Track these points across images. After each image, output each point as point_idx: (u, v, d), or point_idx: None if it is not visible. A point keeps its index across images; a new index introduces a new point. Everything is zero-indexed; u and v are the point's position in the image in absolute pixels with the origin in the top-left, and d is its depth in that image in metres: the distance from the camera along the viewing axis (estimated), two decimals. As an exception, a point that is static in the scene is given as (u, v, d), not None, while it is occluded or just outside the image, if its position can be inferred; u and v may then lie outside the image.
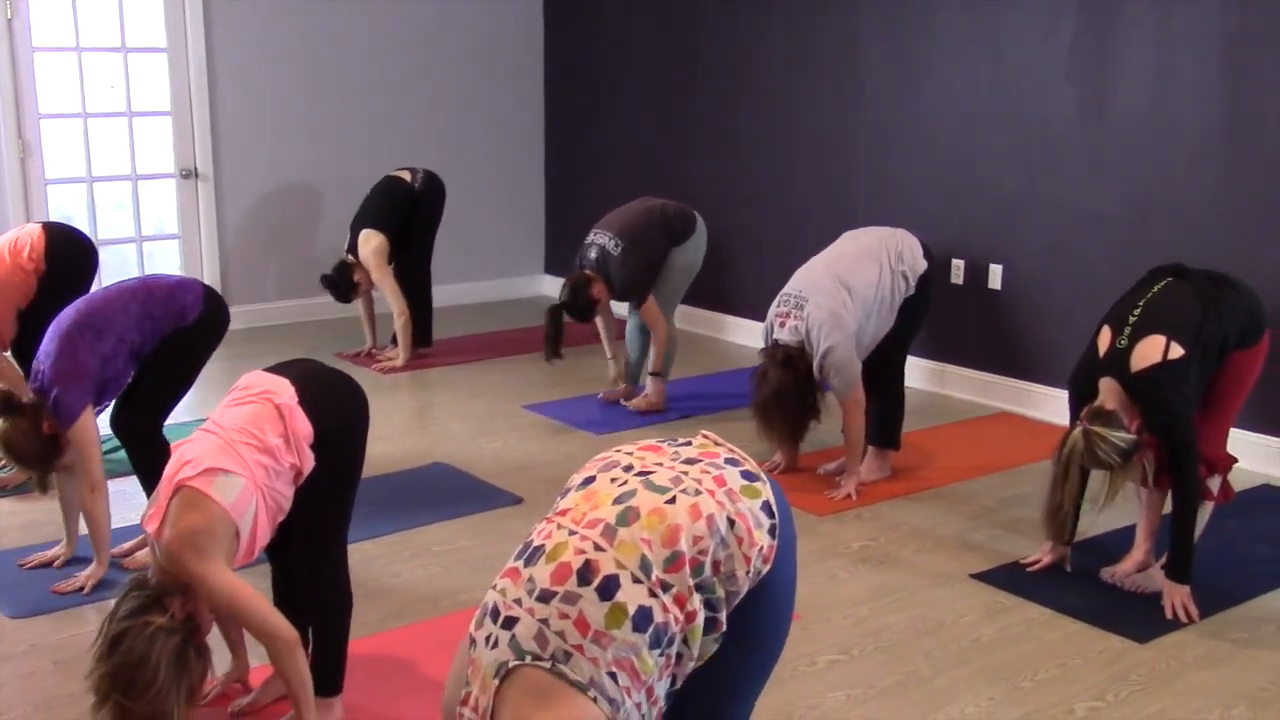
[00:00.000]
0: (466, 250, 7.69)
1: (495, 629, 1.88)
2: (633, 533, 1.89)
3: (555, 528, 1.96)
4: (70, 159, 6.67)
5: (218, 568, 2.63)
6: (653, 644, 1.84)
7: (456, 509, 4.39)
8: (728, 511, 1.94)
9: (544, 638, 1.82)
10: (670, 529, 1.89)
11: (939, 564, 3.99)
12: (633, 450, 2.09)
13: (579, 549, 1.89)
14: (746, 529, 1.94)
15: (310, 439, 2.77)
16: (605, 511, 1.93)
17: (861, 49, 6.11)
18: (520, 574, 1.91)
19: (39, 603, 3.64)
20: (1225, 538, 4.03)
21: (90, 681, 2.54)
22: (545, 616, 1.84)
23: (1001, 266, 5.66)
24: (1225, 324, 3.62)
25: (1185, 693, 3.19)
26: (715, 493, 1.96)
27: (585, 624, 1.82)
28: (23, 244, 4.44)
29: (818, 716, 3.06)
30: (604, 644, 1.81)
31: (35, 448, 3.58)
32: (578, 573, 1.86)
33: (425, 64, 7.53)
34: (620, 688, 1.82)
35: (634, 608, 1.84)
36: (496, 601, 1.91)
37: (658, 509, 1.91)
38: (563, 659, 1.81)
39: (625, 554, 1.87)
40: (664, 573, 1.87)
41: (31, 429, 3.56)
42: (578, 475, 2.09)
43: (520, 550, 1.98)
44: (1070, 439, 3.52)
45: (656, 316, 5.48)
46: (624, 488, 1.97)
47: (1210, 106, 4.88)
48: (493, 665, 1.85)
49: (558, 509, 2.02)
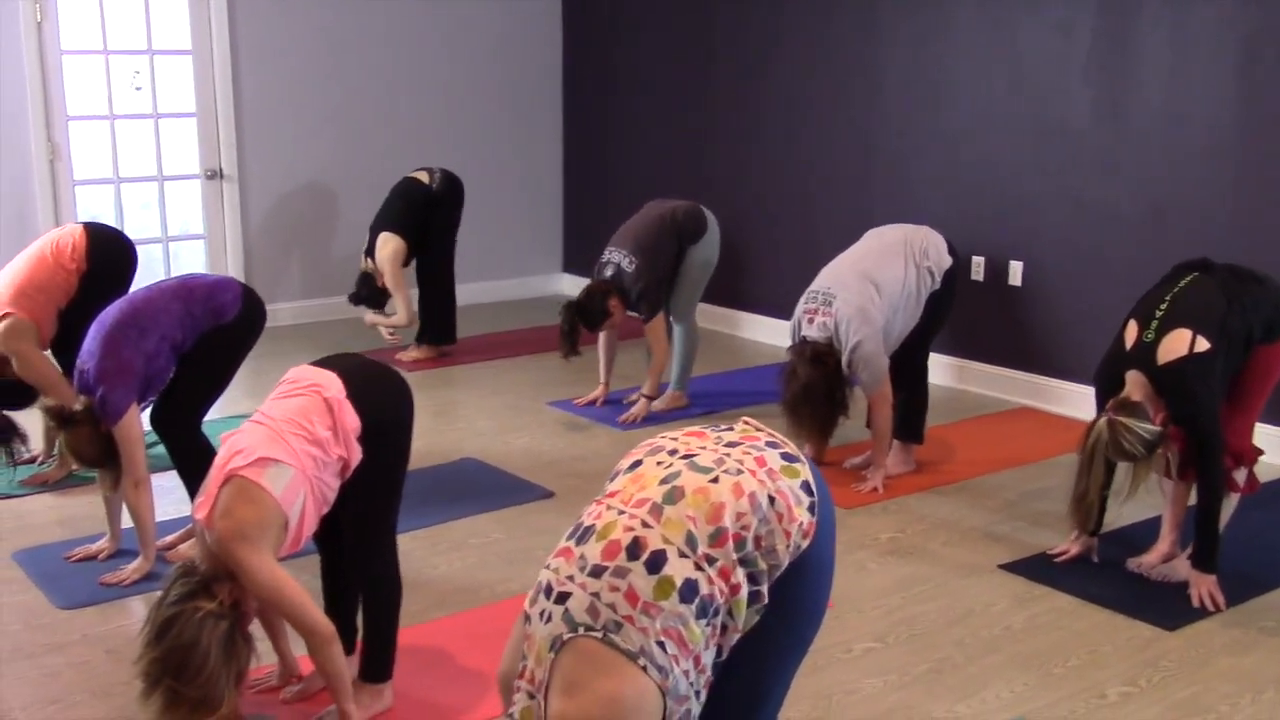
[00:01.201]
0: (485, 249, 7.77)
1: (549, 604, 1.96)
2: (678, 510, 1.97)
3: (605, 508, 2.04)
4: (98, 160, 6.75)
5: (264, 557, 2.69)
6: (699, 614, 1.92)
7: (488, 503, 4.46)
8: (768, 489, 2.02)
9: (595, 610, 1.90)
10: (714, 506, 1.98)
11: (966, 555, 4.06)
12: (677, 436, 2.18)
13: (628, 526, 1.97)
14: (786, 505, 2.02)
15: (358, 432, 2.84)
16: (652, 491, 2.01)
17: (879, 48, 6.18)
18: (572, 552, 2.00)
19: (87, 594, 3.71)
20: (1249, 529, 4.09)
21: (140, 666, 2.59)
22: (597, 590, 1.92)
23: (1021, 263, 5.73)
24: (1250, 318, 3.68)
25: (1215, 678, 3.26)
26: (756, 472, 2.04)
27: (635, 596, 1.90)
28: (65, 244, 4.51)
29: (856, 701, 3.13)
30: (652, 614, 1.89)
31: (101, 450, 3.68)
32: (626, 548, 1.94)
33: (445, 65, 7.61)
34: (669, 656, 1.89)
35: (681, 580, 1.92)
36: (550, 579, 1.99)
37: (702, 488, 2.00)
38: (614, 629, 1.89)
39: (672, 530, 1.95)
40: (709, 547, 1.95)
41: (93, 433, 3.66)
42: (625, 460, 2.17)
43: (572, 531, 2.06)
44: (1095, 429, 3.57)
45: (659, 336, 5.54)
46: (669, 469, 2.05)
47: (1226, 105, 4.95)
48: (547, 639, 1.93)
49: (607, 491, 2.11)
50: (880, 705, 3.12)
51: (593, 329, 5.52)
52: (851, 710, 3.09)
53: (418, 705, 3.09)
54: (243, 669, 2.66)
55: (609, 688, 1.86)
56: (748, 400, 5.73)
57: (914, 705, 3.12)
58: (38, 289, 4.47)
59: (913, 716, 3.07)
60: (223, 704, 2.58)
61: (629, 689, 1.87)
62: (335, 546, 3.07)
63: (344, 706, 2.87)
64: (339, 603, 3.11)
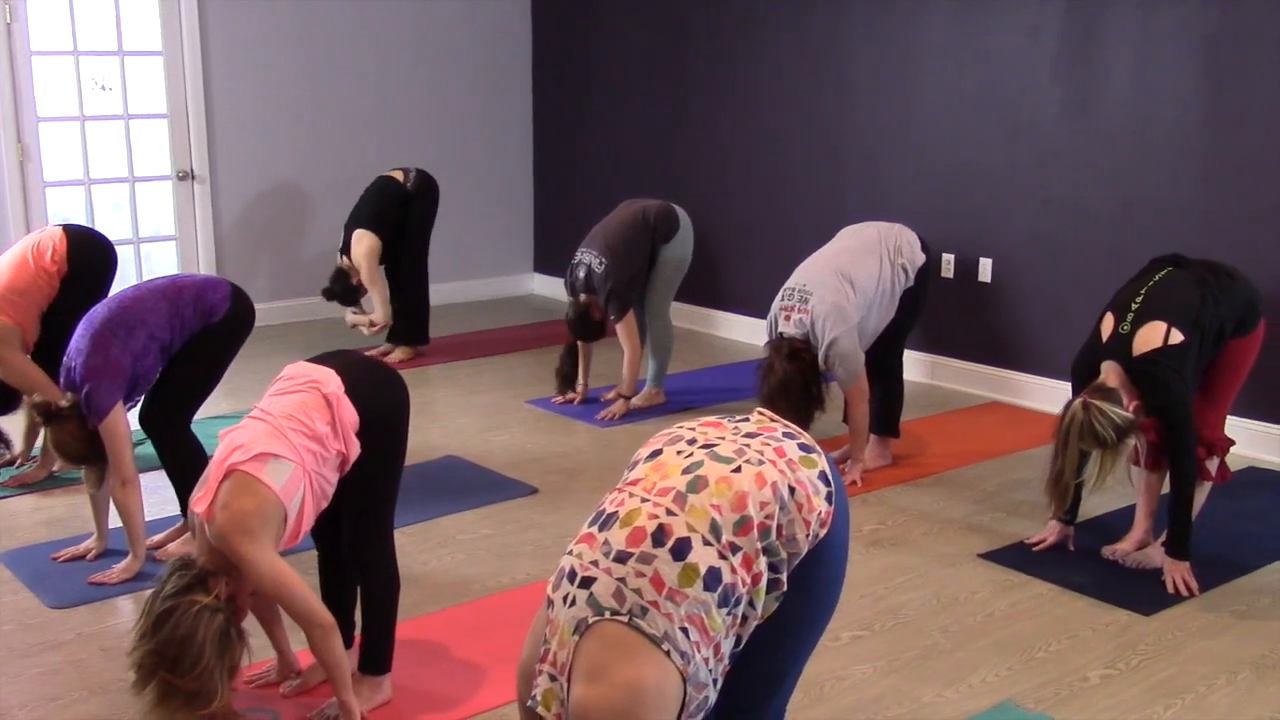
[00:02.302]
0: (456, 249, 7.79)
1: (573, 589, 2.00)
2: (702, 499, 2.02)
3: (627, 496, 2.08)
4: (68, 162, 6.72)
5: (265, 549, 2.72)
6: (721, 603, 1.97)
7: (474, 500, 4.50)
8: (789, 479, 2.08)
9: (621, 594, 1.95)
10: (738, 495, 2.03)
11: (947, 545, 4.14)
12: (695, 426, 2.23)
13: (652, 514, 2.01)
14: (806, 495, 2.08)
15: (356, 427, 2.87)
16: (675, 480, 2.06)
17: (850, 48, 6.27)
18: (595, 538, 2.04)
19: (79, 594, 3.72)
20: (1218, 517, 4.20)
21: (134, 659, 2.60)
22: (622, 575, 1.96)
23: (991, 260, 5.84)
24: (1223, 312, 3.78)
25: (1191, 660, 3.36)
26: (776, 462, 2.09)
27: (660, 582, 1.95)
28: (45, 246, 4.50)
29: (847, 687, 3.20)
30: (678, 601, 1.94)
31: (87, 446, 3.70)
32: (652, 535, 1.98)
33: (416, 65, 7.64)
34: (691, 642, 1.94)
35: (705, 568, 1.96)
36: (573, 565, 2.03)
37: (725, 477, 2.05)
38: (639, 614, 1.93)
39: (696, 518, 2.00)
40: (733, 536, 2.00)
41: (79, 429, 3.68)
42: (644, 449, 2.22)
43: (593, 518, 2.10)
44: (1071, 410, 3.63)
45: (630, 334, 5.59)
46: (690, 459, 2.10)
47: (1192, 104, 5.07)
48: (571, 622, 1.97)
49: (628, 480, 2.14)
50: (870, 690, 3.19)
51: (600, 337, 5.59)
52: (843, 696, 3.16)
53: (417, 697, 3.13)
54: (236, 663, 2.69)
55: (632, 671, 1.91)
56: (724, 397, 5.82)
57: (903, 690, 3.19)
58: (18, 293, 4.46)
59: (903, 701, 3.14)
60: (216, 698, 2.59)
61: (651, 673, 1.91)
62: (332, 541, 3.10)
63: (344, 698, 2.89)
64: (337, 597, 3.14)
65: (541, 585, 3.78)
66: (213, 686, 2.58)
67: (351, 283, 6.31)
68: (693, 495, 2.03)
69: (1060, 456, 3.69)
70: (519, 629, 3.47)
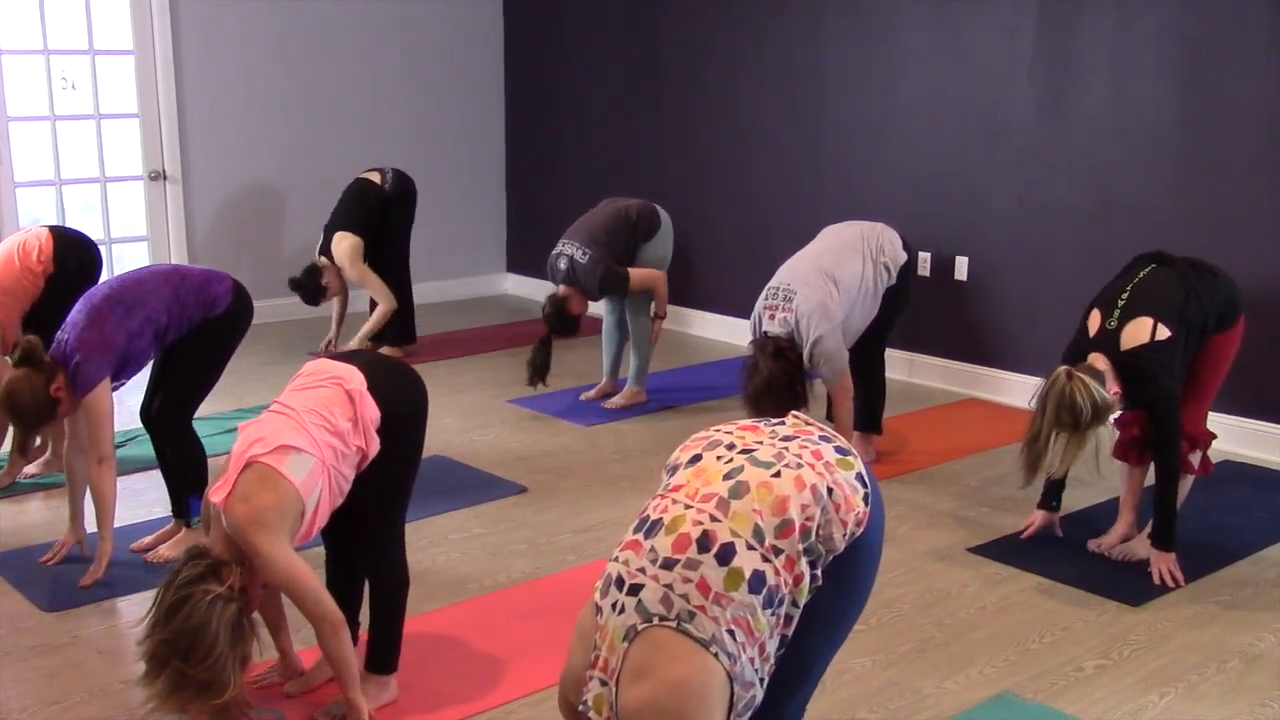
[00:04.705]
0: (430, 249, 7.76)
1: (621, 596, 2.03)
2: (744, 504, 2.06)
3: (670, 502, 2.12)
4: (39, 162, 6.65)
5: (281, 544, 2.71)
6: (765, 605, 2.02)
7: (464, 499, 4.51)
8: (827, 481, 2.12)
9: (669, 600, 1.99)
10: (779, 499, 2.07)
11: (936, 540, 4.19)
12: (732, 430, 2.26)
13: (696, 520, 2.05)
14: (844, 496, 2.12)
15: (377, 423, 2.88)
16: (717, 486, 2.10)
17: (825, 46, 6.32)
18: (641, 545, 2.08)
19: (72, 596, 3.69)
20: (1198, 509, 4.27)
21: (146, 648, 2.59)
22: (669, 582, 2.00)
23: (967, 259, 5.91)
24: (1206, 308, 3.85)
25: (1182, 650, 3.42)
26: (815, 465, 2.13)
27: (706, 587, 1.99)
28: (31, 247, 4.48)
29: (848, 680, 3.24)
30: (724, 604, 1.98)
31: (36, 403, 3.61)
32: (697, 541, 2.02)
33: (389, 65, 7.62)
34: (737, 644, 1.98)
35: (750, 572, 2.01)
36: (620, 572, 2.07)
37: (765, 482, 2.09)
38: (687, 619, 1.97)
39: (739, 523, 2.04)
40: (776, 539, 2.04)
41: (42, 385, 3.60)
42: (682, 454, 2.25)
43: (638, 525, 2.14)
44: (1054, 375, 3.60)
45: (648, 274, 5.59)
46: (730, 464, 2.14)
47: (1168, 104, 5.16)
48: (621, 629, 2.01)
49: (669, 486, 2.18)
50: (871, 683, 3.23)
51: (574, 334, 5.61)
52: (845, 689, 3.20)
53: (423, 696, 3.13)
54: (248, 654, 2.67)
55: (678, 671, 1.95)
56: (706, 395, 5.85)
57: (903, 682, 3.24)
58: (4, 292, 4.43)
59: (903, 693, 3.19)
60: (229, 688, 2.58)
61: (698, 672, 1.95)
62: (342, 539, 3.10)
63: (351, 696, 2.89)
64: (345, 595, 3.13)
65: (536, 583, 3.83)
66: (225, 677, 2.57)
67: (321, 281, 6.29)
68: (735, 501, 2.07)
69: (1039, 419, 3.64)
70: (518, 627, 3.52)
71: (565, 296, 5.52)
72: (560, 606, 3.62)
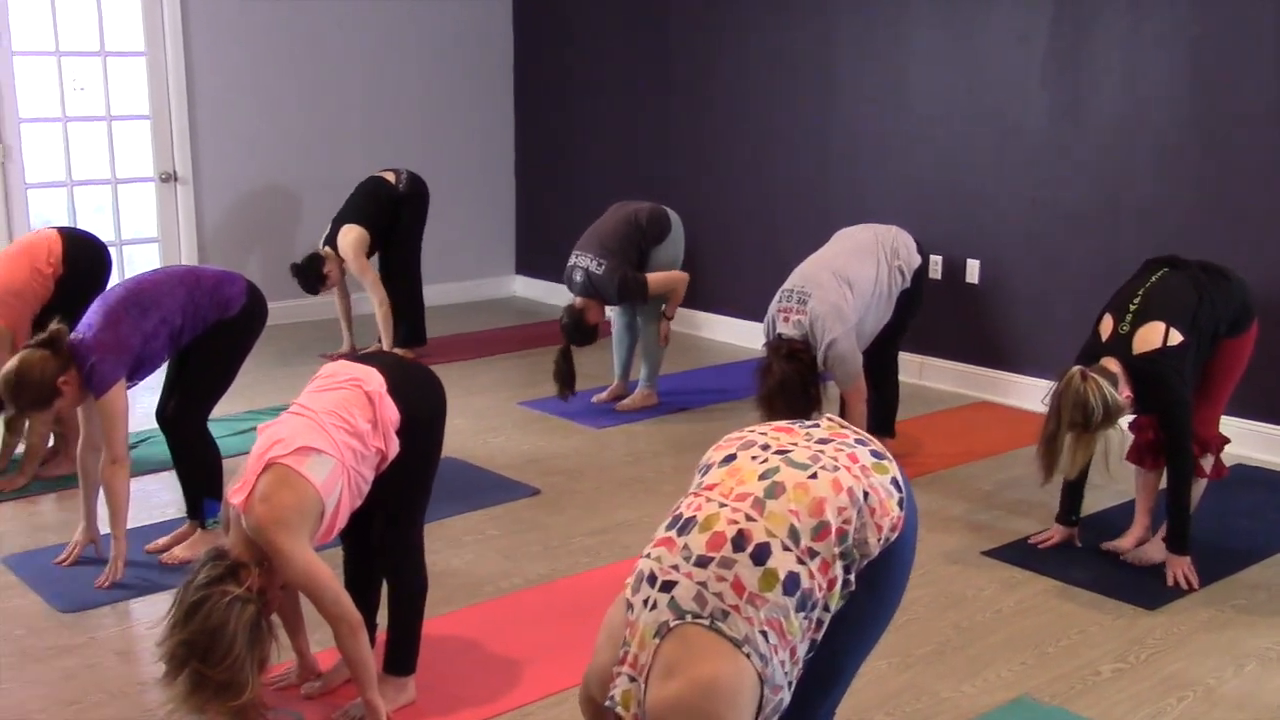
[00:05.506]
0: (439, 251, 7.76)
1: (653, 593, 2.02)
2: (780, 505, 2.05)
3: (704, 501, 2.11)
4: (50, 163, 6.66)
5: (301, 544, 2.72)
6: (799, 607, 2.01)
7: (478, 501, 4.51)
8: (863, 485, 2.11)
9: (703, 598, 1.97)
10: (815, 501, 2.06)
11: (950, 543, 4.19)
12: (766, 431, 2.25)
13: (731, 519, 2.04)
14: (879, 500, 2.11)
15: (397, 425, 2.88)
16: (752, 486, 2.09)
17: (838, 50, 6.32)
18: (674, 542, 2.06)
19: (88, 597, 3.70)
20: (1212, 513, 4.27)
21: (165, 649, 2.59)
22: (703, 580, 1.99)
23: (979, 262, 5.91)
24: (1218, 312, 3.85)
25: (1199, 653, 3.42)
26: (851, 468, 2.12)
27: (741, 586, 1.97)
28: (40, 249, 4.49)
29: (866, 684, 3.23)
30: (758, 605, 1.97)
31: (39, 386, 3.57)
32: (732, 540, 2.01)
33: (399, 67, 7.63)
34: (770, 645, 1.97)
35: (784, 573, 2.00)
36: (653, 568, 2.05)
37: (802, 483, 2.08)
38: (720, 617, 1.96)
39: (775, 524, 2.03)
40: (811, 541, 2.03)
41: (53, 373, 3.57)
42: (716, 453, 2.24)
43: (670, 522, 2.12)
44: (1068, 375, 3.62)
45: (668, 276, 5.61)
46: (766, 465, 2.13)
47: (1178, 107, 5.16)
48: (652, 625, 1.99)
49: (703, 484, 2.16)
50: (889, 686, 3.23)
51: (592, 341, 5.61)
52: (863, 692, 3.19)
53: (440, 698, 3.13)
54: (266, 656, 2.68)
55: (708, 669, 1.93)
56: (717, 397, 5.85)
57: (921, 685, 3.24)
58: (14, 294, 4.43)
59: (921, 696, 3.19)
60: (247, 689, 2.59)
61: (727, 670, 1.94)
62: (360, 540, 3.10)
63: (370, 697, 2.89)
64: (363, 596, 3.13)
65: (552, 585, 3.83)
66: (244, 678, 2.58)
67: (321, 270, 6.29)
68: (771, 501, 2.05)
69: (1054, 419, 3.66)
70: (534, 629, 3.52)
71: (583, 308, 5.53)
72: (576, 609, 3.63)
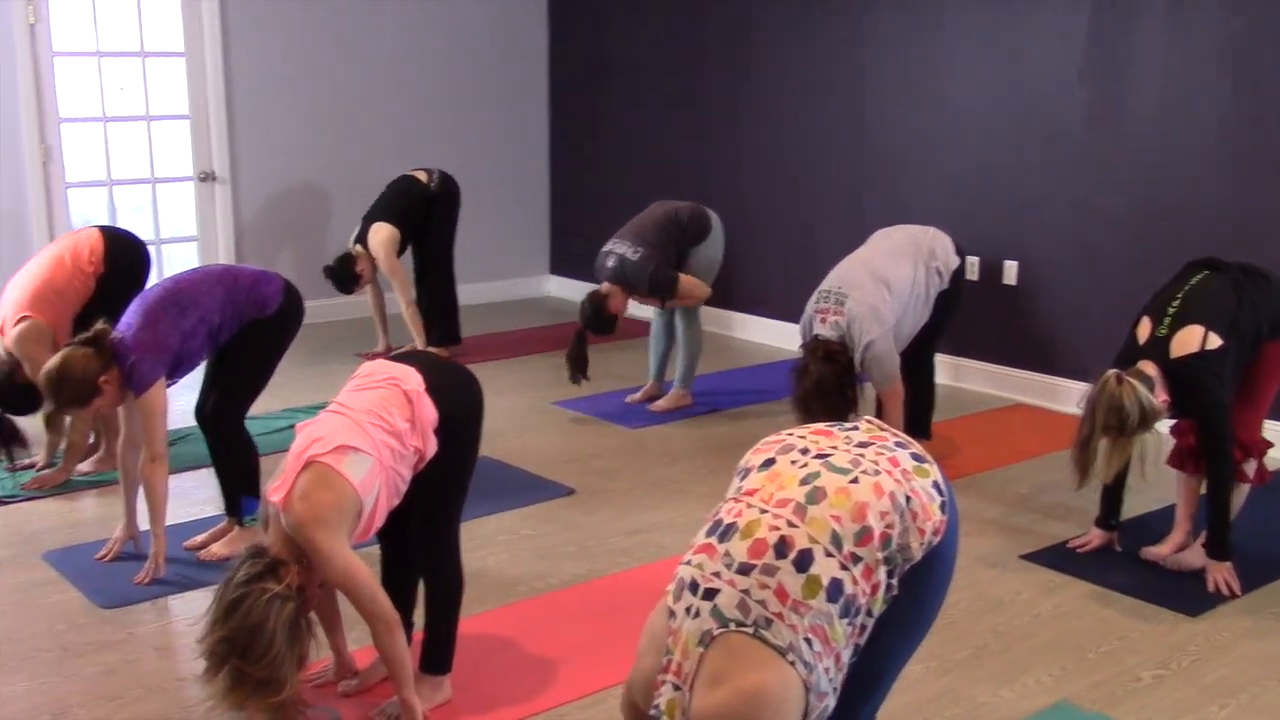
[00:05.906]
0: (472, 251, 7.77)
1: (696, 600, 2.01)
2: (822, 510, 2.03)
3: (745, 507, 2.09)
4: (90, 163, 6.72)
5: (340, 542, 2.73)
6: (842, 614, 1.99)
7: (513, 500, 4.52)
8: (905, 489, 2.09)
9: (746, 606, 1.96)
10: (857, 506, 2.04)
11: (987, 546, 4.16)
12: (805, 434, 2.23)
13: (773, 525, 2.02)
14: (921, 505, 2.09)
15: (435, 425, 2.89)
16: (793, 491, 2.07)
17: (874, 49, 6.29)
18: (716, 549, 2.04)
19: (128, 593, 3.73)
20: (1255, 519, 4.20)
21: (205, 646, 2.61)
22: (746, 587, 1.97)
23: (1016, 263, 5.86)
24: (1260, 315, 3.80)
25: (1242, 661, 3.38)
26: (892, 472, 2.10)
27: (784, 593, 1.96)
28: (82, 247, 4.54)
29: (903, 687, 3.19)
30: (801, 612, 1.95)
31: (80, 383, 3.62)
32: (774, 547, 1.99)
33: (435, 67, 7.66)
34: (814, 652, 1.96)
35: (828, 579, 1.98)
36: (694, 576, 2.04)
37: (843, 488, 2.06)
38: (764, 625, 1.95)
39: (817, 530, 2.01)
40: (854, 547, 2.01)
41: (95, 371, 3.62)
42: (754, 457, 2.22)
43: (711, 528, 2.11)
44: (1104, 378, 3.60)
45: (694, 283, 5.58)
46: (806, 469, 2.11)
47: (1221, 106, 5.10)
48: (696, 633, 1.98)
49: (742, 490, 2.15)
50: (927, 690, 3.21)
51: (610, 333, 5.60)
52: (900, 696, 3.16)
53: (476, 697, 3.13)
54: (305, 653, 2.69)
55: (754, 679, 1.92)
56: (751, 399, 5.84)
57: (959, 690, 3.21)
58: (56, 293, 4.48)
59: (959, 701, 3.16)
60: (286, 686, 2.60)
61: (774, 680, 1.92)
62: (398, 539, 3.11)
63: (406, 696, 2.90)
64: (400, 595, 3.13)
65: (587, 585, 3.83)
66: (283, 675, 2.59)
67: (355, 269, 6.33)
68: (812, 506, 2.04)
69: (1089, 422, 3.64)
70: (570, 629, 3.52)
71: (607, 295, 5.50)
72: (612, 609, 3.62)
